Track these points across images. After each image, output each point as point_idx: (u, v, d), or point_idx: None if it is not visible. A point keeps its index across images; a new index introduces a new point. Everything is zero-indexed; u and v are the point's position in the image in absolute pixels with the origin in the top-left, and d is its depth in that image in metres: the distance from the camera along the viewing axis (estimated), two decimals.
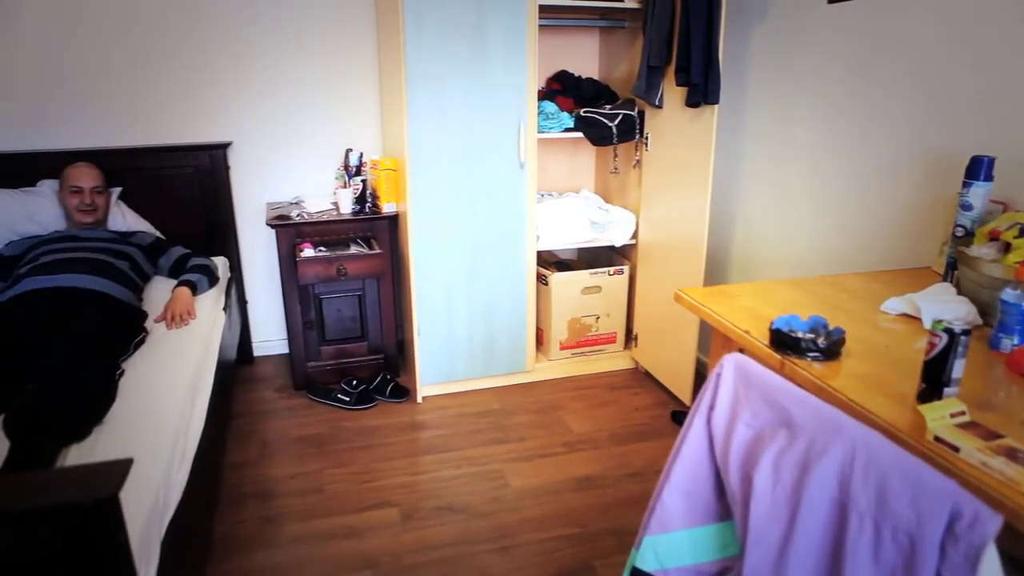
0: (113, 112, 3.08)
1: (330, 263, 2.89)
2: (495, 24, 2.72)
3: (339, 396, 3.00)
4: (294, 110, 3.27)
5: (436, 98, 2.74)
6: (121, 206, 3.01)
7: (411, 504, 2.36)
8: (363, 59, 3.27)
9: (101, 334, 2.08)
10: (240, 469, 2.57)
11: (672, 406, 2.98)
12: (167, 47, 3.07)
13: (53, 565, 1.00)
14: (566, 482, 2.48)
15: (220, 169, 3.15)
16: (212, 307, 2.66)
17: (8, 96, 2.97)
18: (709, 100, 2.54)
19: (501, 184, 2.90)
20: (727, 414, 1.08)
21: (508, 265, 3.01)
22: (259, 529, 2.25)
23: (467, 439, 2.76)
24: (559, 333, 3.22)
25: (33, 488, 0.96)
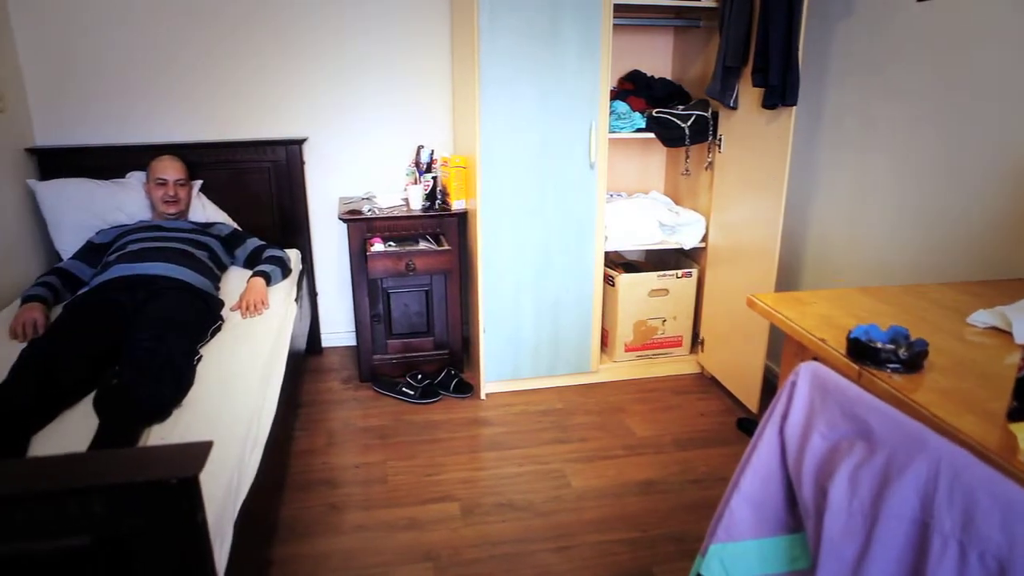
0: (197, 108, 3.21)
1: (399, 258, 2.93)
2: (569, 25, 2.72)
3: (404, 389, 3.04)
4: (368, 107, 3.33)
5: (508, 98, 2.76)
6: (202, 198, 3.12)
7: (472, 499, 2.38)
8: (437, 59, 3.31)
9: (182, 321, 2.16)
10: (307, 456, 2.64)
11: (738, 413, 2.92)
12: (249, 46, 3.17)
13: (138, 539, 1.04)
14: (627, 485, 2.46)
15: (296, 164, 3.24)
16: (285, 298, 2.73)
17: (101, 94, 3.12)
18: (787, 102, 2.47)
19: (571, 184, 2.90)
20: (801, 424, 1.06)
21: (575, 265, 3.01)
22: (323, 515, 2.30)
23: (529, 437, 2.77)
24: (624, 335, 3.19)
25: (123, 464, 1.01)
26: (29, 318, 2.31)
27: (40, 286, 2.50)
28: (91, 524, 1.03)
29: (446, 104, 3.38)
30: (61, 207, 2.95)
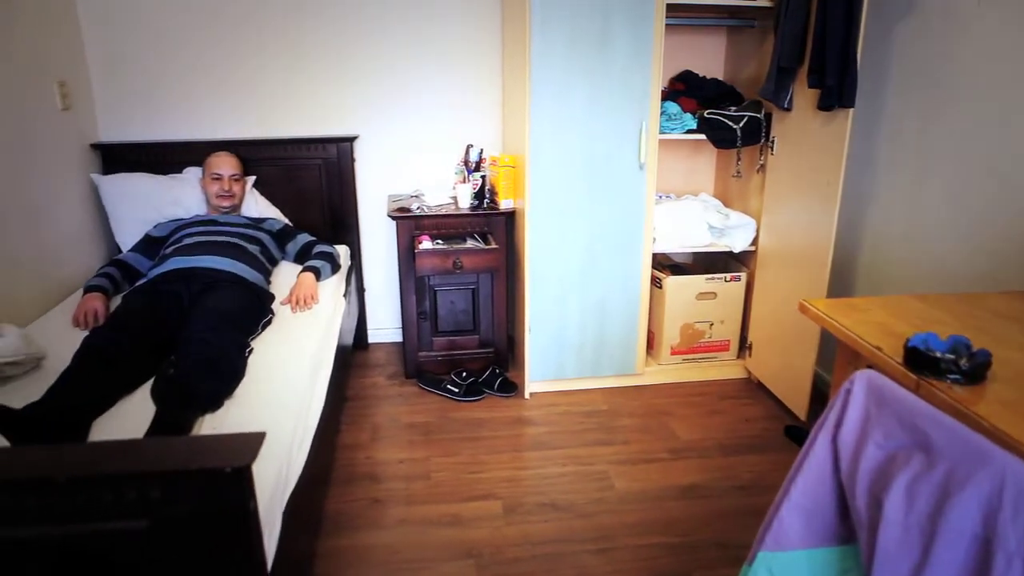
0: (252, 105, 3.28)
1: (447, 256, 2.95)
2: (620, 25, 2.70)
3: (448, 387, 3.06)
4: (418, 106, 3.36)
5: (558, 99, 2.75)
6: (255, 193, 3.19)
7: (515, 498, 2.38)
8: (487, 58, 3.33)
9: (235, 314, 2.21)
10: (352, 450, 2.68)
11: (786, 420, 2.87)
12: (303, 47, 3.23)
13: (192, 525, 1.07)
14: (670, 489, 2.43)
15: (346, 161, 3.29)
16: (334, 293, 2.78)
17: (161, 91, 3.22)
18: (843, 103, 2.42)
19: (620, 184, 2.88)
20: (856, 432, 1.03)
21: (622, 266, 2.99)
22: (367, 509, 2.33)
23: (573, 438, 2.76)
24: (671, 337, 3.16)
25: (179, 452, 1.04)
26: (91, 307, 2.39)
27: (101, 277, 2.58)
28: (148, 508, 1.06)
29: (496, 103, 3.39)
30: (121, 201, 3.05)
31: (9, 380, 1.98)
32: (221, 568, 1.11)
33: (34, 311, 2.57)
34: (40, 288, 2.66)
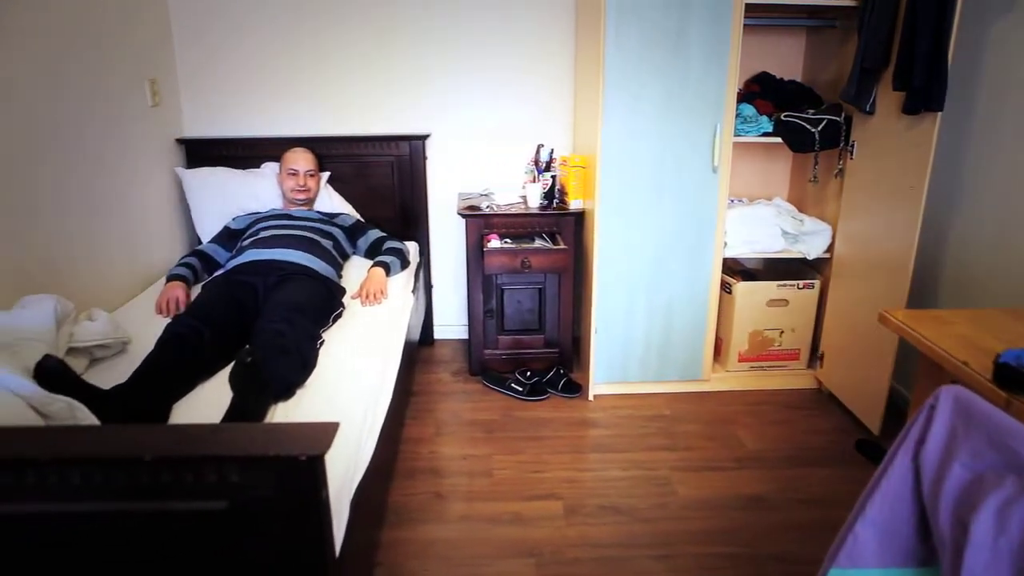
0: (328, 103, 3.36)
1: (515, 255, 2.97)
2: (697, 26, 2.66)
3: (513, 385, 3.08)
4: (489, 105, 3.39)
5: (631, 100, 2.73)
6: (329, 189, 3.27)
7: (576, 499, 2.38)
8: (560, 58, 3.32)
9: (308, 306, 2.27)
10: (416, 444, 2.72)
11: (857, 434, 2.78)
12: (377, 46, 3.29)
13: (267, 509, 1.11)
14: (734, 499, 2.38)
15: (418, 159, 3.33)
16: (402, 289, 2.82)
17: (243, 89, 3.33)
18: (931, 107, 2.32)
19: (692, 187, 2.84)
20: (940, 450, 0.99)
21: (692, 270, 2.95)
22: (429, 503, 2.36)
23: (635, 442, 2.74)
24: (739, 344, 3.10)
25: (258, 438, 1.07)
26: (173, 296, 2.49)
27: (182, 266, 2.69)
28: (227, 490, 1.10)
29: (567, 104, 3.39)
30: (203, 193, 3.17)
31: (98, 362, 2.08)
32: (293, 552, 1.14)
33: (121, 297, 2.69)
34: (127, 275, 2.79)
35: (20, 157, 2.19)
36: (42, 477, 1.08)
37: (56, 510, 1.11)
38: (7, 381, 1.42)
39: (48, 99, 2.33)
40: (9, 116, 2.14)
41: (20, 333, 1.79)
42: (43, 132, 2.30)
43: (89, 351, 2.04)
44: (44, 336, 1.83)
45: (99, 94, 2.63)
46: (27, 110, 2.23)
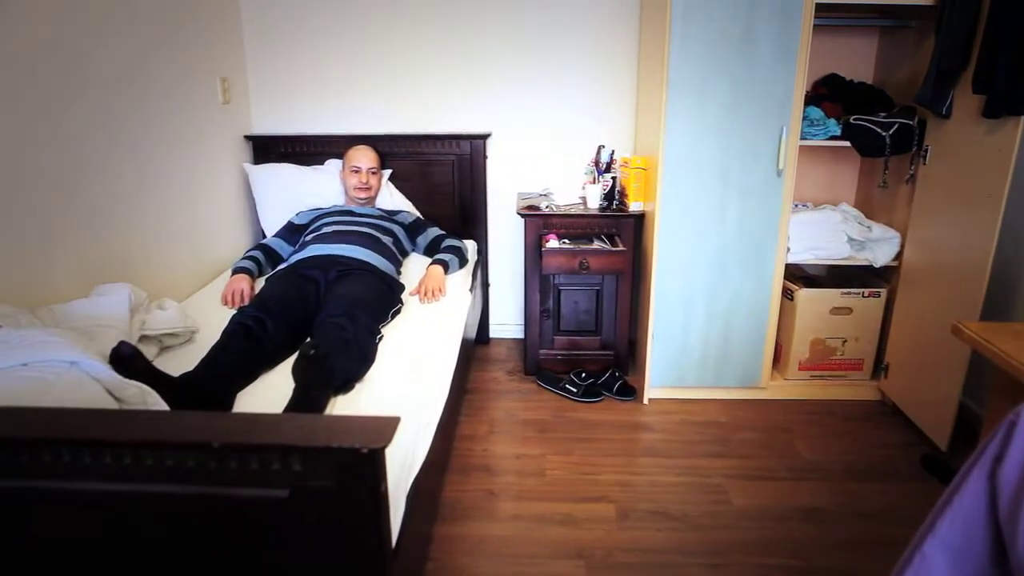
0: (391, 102, 3.42)
1: (573, 256, 2.96)
2: (764, 26, 2.61)
3: (567, 386, 3.07)
4: (550, 106, 3.39)
5: (695, 102, 2.70)
6: (390, 186, 3.31)
7: (627, 503, 2.36)
8: (622, 58, 3.30)
9: (368, 301, 2.31)
10: (470, 441, 2.73)
11: (923, 449, 2.68)
12: (439, 46, 3.33)
13: (328, 499, 1.13)
14: (790, 510, 2.33)
15: (479, 158, 3.36)
16: (460, 287, 2.84)
17: (308, 87, 3.41)
18: (1015, 110, 2.23)
19: (755, 191, 2.79)
20: (1020, 471, 0.95)
21: (753, 275, 2.89)
22: (482, 501, 2.37)
23: (690, 448, 2.70)
24: (799, 352, 3.03)
25: (322, 429, 1.10)
26: (238, 288, 2.56)
27: (248, 259, 2.76)
28: (290, 479, 1.13)
29: (629, 105, 3.36)
30: (268, 189, 3.26)
31: (167, 349, 2.16)
32: (351, 542, 1.16)
33: (189, 287, 2.79)
34: (195, 266, 2.88)
35: (101, 154, 2.28)
36: (118, 458, 1.12)
37: (128, 490, 1.15)
38: (87, 366, 1.49)
39: (127, 97, 2.42)
40: (91, 113, 2.23)
41: (97, 320, 1.87)
42: (122, 129, 2.40)
43: (159, 339, 2.11)
44: (119, 323, 1.91)
45: (174, 92, 2.72)
46: (107, 108, 2.32)
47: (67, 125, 2.12)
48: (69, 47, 2.13)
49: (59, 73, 2.09)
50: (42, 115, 2.02)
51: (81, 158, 2.19)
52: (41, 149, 2.01)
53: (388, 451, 1.13)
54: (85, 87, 2.21)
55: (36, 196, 2.00)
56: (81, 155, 2.19)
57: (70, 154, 2.14)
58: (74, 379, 1.49)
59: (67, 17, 2.12)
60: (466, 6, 3.27)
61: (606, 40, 3.29)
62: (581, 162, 3.38)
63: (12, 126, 1.89)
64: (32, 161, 1.98)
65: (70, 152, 2.14)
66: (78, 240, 2.18)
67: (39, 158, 2.00)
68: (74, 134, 2.15)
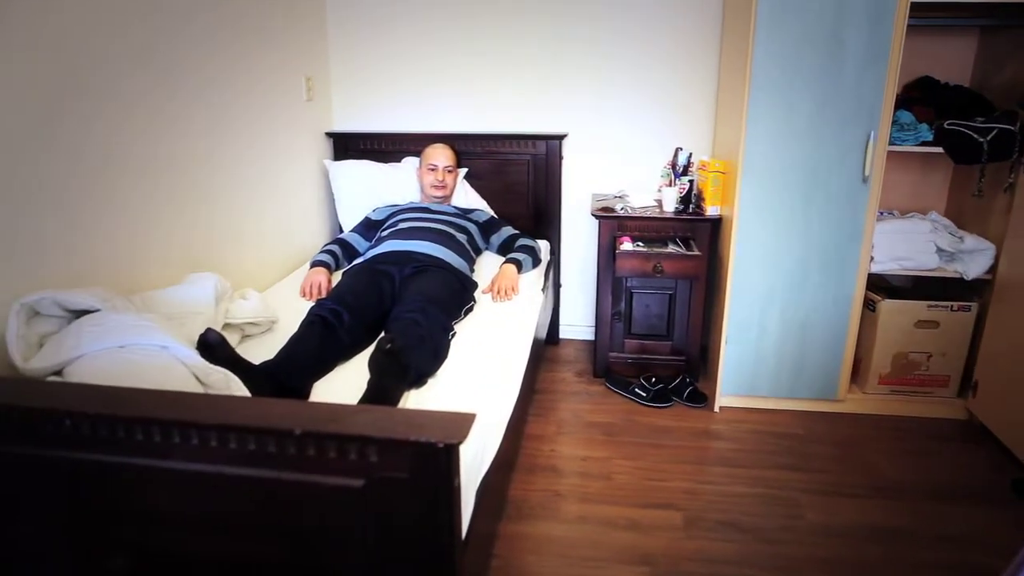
0: (468, 101, 3.46)
1: (647, 259, 2.93)
2: (855, 27, 2.52)
3: (636, 390, 3.04)
4: (627, 106, 3.36)
5: (777, 105, 2.63)
6: (465, 185, 3.35)
7: (695, 512, 2.32)
8: (703, 59, 3.25)
9: (442, 297, 2.34)
10: (537, 441, 2.74)
11: (1014, 473, 2.54)
12: (516, 45, 3.35)
13: (402, 490, 1.15)
14: (868, 529, 2.25)
15: (554, 158, 3.35)
16: (532, 287, 2.85)
17: (387, 85, 3.48)
18: None
19: (838, 197, 2.70)
20: None
21: (833, 284, 2.80)
22: (547, 501, 2.37)
23: (762, 458, 2.64)
24: (880, 366, 2.92)
25: (399, 422, 1.12)
26: (316, 280, 2.64)
27: (325, 253, 2.83)
28: (365, 469, 1.15)
29: (709, 107, 3.31)
30: (346, 185, 3.34)
31: (248, 338, 2.23)
32: (422, 534, 1.18)
33: (270, 279, 2.88)
34: (277, 258, 2.98)
35: (193, 149, 2.38)
36: (204, 440, 1.17)
37: (212, 471, 1.20)
38: (176, 350, 1.56)
39: (219, 94, 2.52)
40: (184, 109, 2.33)
41: (185, 307, 1.96)
42: (214, 125, 2.50)
43: (241, 327, 2.19)
44: (205, 311, 1.99)
45: (262, 90, 2.82)
46: (199, 104, 2.42)
47: (162, 121, 2.23)
48: (166, 49, 2.23)
49: (155, 71, 2.19)
50: (138, 111, 2.12)
51: (174, 153, 2.29)
52: (136, 144, 2.11)
53: (461, 447, 1.14)
54: (179, 84, 2.31)
55: (131, 189, 2.10)
56: (174, 150, 2.29)
57: (164, 148, 2.24)
58: (164, 362, 1.56)
59: (165, 21, 2.22)
60: (546, 7, 3.27)
61: (686, 40, 3.24)
62: (657, 164, 3.34)
63: (110, 123, 1.99)
64: (128, 155, 2.08)
65: (164, 147, 2.24)
66: (170, 231, 2.28)
67: (134, 152, 2.10)
68: (168, 130, 2.25)
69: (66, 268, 1.83)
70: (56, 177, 1.79)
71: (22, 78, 1.67)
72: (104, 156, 1.97)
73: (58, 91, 1.80)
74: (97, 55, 1.93)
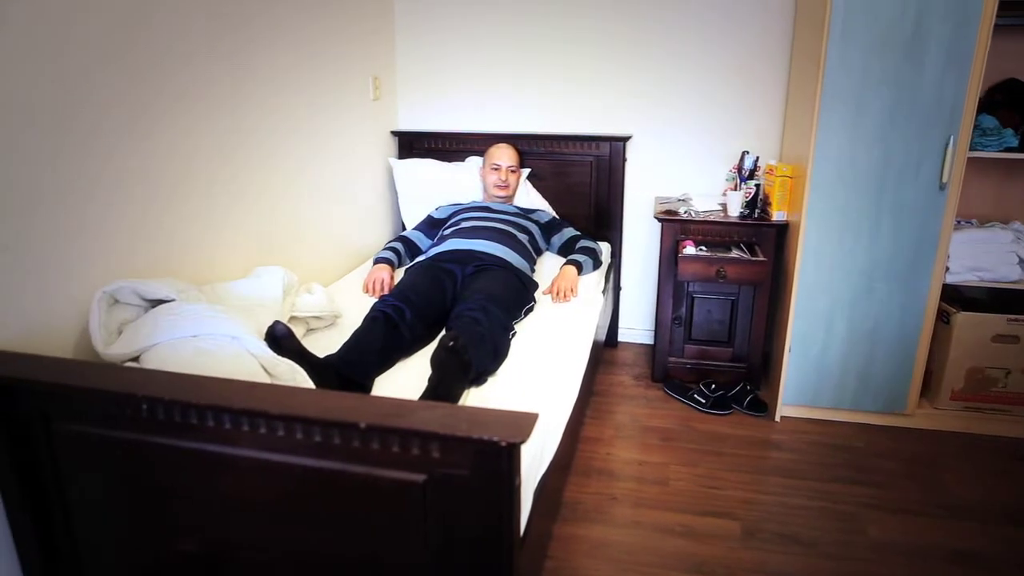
0: (532, 102, 3.46)
1: (710, 264, 2.88)
2: (937, 28, 2.43)
3: (695, 396, 3.00)
4: (693, 109, 3.31)
5: (851, 107, 2.55)
6: (527, 185, 3.35)
7: (753, 522, 2.27)
8: (772, 61, 3.17)
9: (503, 296, 2.34)
10: (594, 444, 2.72)
11: None
12: (581, 46, 3.34)
13: (461, 488, 1.16)
14: (936, 549, 2.16)
15: (618, 160, 3.33)
16: (593, 289, 2.83)
17: (452, 85, 3.52)
18: None
19: (913, 205, 2.60)
20: None
21: (904, 294, 2.71)
22: (602, 504, 2.36)
23: (823, 471, 2.57)
24: (953, 380, 2.81)
25: (462, 419, 1.13)
26: (379, 277, 2.67)
27: (388, 250, 2.87)
28: (427, 465, 1.17)
29: (777, 110, 3.23)
30: (410, 183, 3.38)
31: (312, 331, 2.28)
32: (481, 532, 1.19)
33: (334, 274, 2.94)
34: (341, 254, 3.04)
35: (263, 146, 2.44)
36: (271, 429, 1.21)
37: (278, 460, 1.24)
38: (246, 341, 1.60)
39: (290, 93, 2.58)
40: (255, 109, 2.40)
41: (254, 299, 2.01)
42: (284, 123, 2.56)
43: (306, 321, 2.24)
44: (273, 304, 2.04)
45: (331, 89, 2.88)
46: (271, 104, 2.48)
47: (237, 119, 2.29)
48: (243, 50, 2.30)
49: (233, 72, 2.25)
50: (217, 111, 2.18)
51: (246, 149, 2.35)
52: (212, 141, 2.18)
53: (522, 447, 1.15)
54: (253, 84, 2.37)
55: (206, 185, 2.16)
56: (246, 146, 2.35)
57: (237, 145, 2.30)
58: (234, 352, 1.61)
59: (242, 23, 2.29)
60: (611, 8, 3.25)
61: (754, 40, 3.17)
62: (722, 167, 3.29)
63: (191, 121, 2.06)
64: (204, 152, 2.14)
65: (237, 144, 2.30)
66: (240, 225, 2.34)
67: (210, 150, 2.17)
68: (241, 128, 2.32)
69: (144, 259, 1.90)
70: (138, 172, 1.86)
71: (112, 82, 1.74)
72: (184, 154, 2.04)
73: (149, 94, 1.87)
74: (182, 56, 1.99)
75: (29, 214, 1.53)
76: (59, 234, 1.62)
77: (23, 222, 1.52)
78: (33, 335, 1.54)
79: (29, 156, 1.53)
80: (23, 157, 1.51)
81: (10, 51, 1.47)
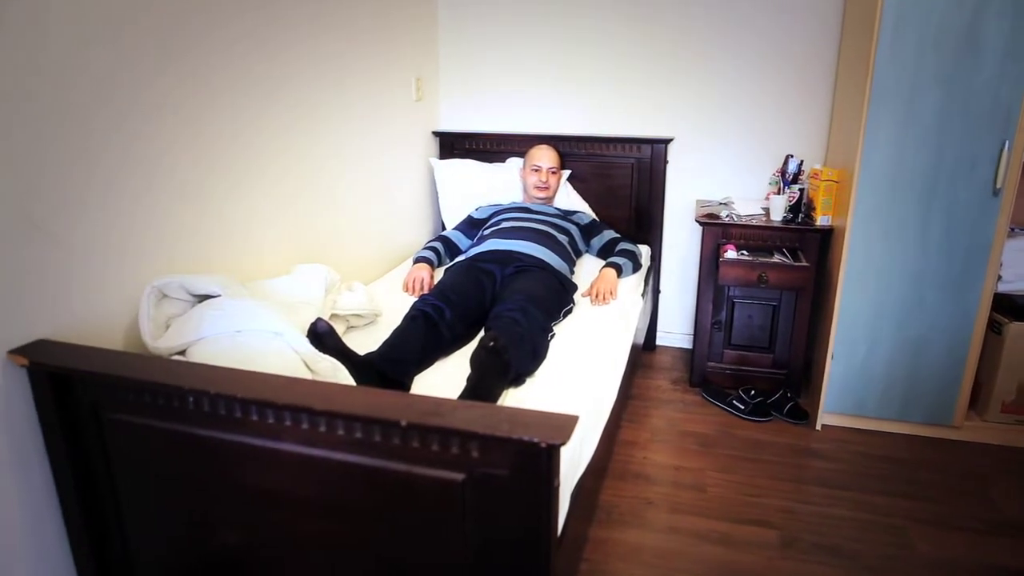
0: (573, 103, 3.46)
1: (752, 268, 2.84)
2: (994, 25, 2.34)
3: (734, 402, 2.96)
4: (736, 111, 3.27)
5: (902, 110, 2.49)
6: (568, 187, 3.35)
7: (792, 532, 2.23)
8: (817, 62, 3.11)
9: (542, 298, 2.34)
10: (630, 448, 2.71)
11: None
12: (623, 48, 3.32)
13: (500, 488, 1.16)
14: (985, 567, 2.10)
15: (659, 162, 3.31)
16: (632, 292, 2.82)
17: (494, 86, 3.53)
18: None
19: (964, 211, 2.53)
20: None
21: (953, 303, 2.63)
22: (638, 508, 2.34)
23: (866, 482, 2.51)
24: (1005, 392, 2.72)
25: (502, 419, 1.13)
26: (419, 276, 2.69)
27: (429, 250, 2.89)
28: (466, 464, 1.17)
29: (823, 113, 3.17)
30: (451, 183, 3.40)
31: (352, 329, 2.31)
32: (518, 532, 1.19)
33: (374, 272, 2.97)
34: (382, 253, 3.07)
35: (306, 145, 2.48)
36: (314, 424, 1.22)
37: (319, 456, 1.25)
38: (289, 337, 1.63)
39: (333, 93, 2.61)
40: (297, 107, 2.43)
41: (297, 296, 2.04)
42: (327, 122, 2.59)
43: (347, 318, 2.26)
44: (314, 301, 2.06)
45: (375, 90, 2.91)
46: (314, 102, 2.51)
47: (282, 119, 2.32)
48: (289, 51, 2.33)
49: (279, 72, 2.29)
50: (266, 111, 2.22)
51: (290, 148, 2.38)
52: (258, 140, 2.21)
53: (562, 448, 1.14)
54: (298, 84, 2.40)
55: (252, 183, 2.20)
56: (290, 146, 2.38)
57: (282, 145, 2.33)
58: (277, 348, 1.63)
59: (287, 27, 2.32)
60: (652, 10, 3.23)
61: (799, 40, 3.12)
62: (765, 171, 3.24)
63: (230, 122, 2.09)
64: (249, 153, 2.18)
65: (282, 143, 2.33)
66: (284, 223, 2.38)
67: (256, 148, 2.21)
68: (286, 128, 2.35)
69: (191, 255, 1.94)
70: (187, 171, 1.90)
71: (166, 83, 1.78)
72: (233, 153, 2.08)
73: (204, 96, 1.91)
74: (234, 58, 2.03)
75: (82, 209, 1.57)
76: (111, 229, 1.66)
77: (76, 216, 1.56)
78: (84, 328, 1.58)
79: (85, 153, 1.57)
80: (79, 153, 1.55)
81: (67, 50, 1.51)
